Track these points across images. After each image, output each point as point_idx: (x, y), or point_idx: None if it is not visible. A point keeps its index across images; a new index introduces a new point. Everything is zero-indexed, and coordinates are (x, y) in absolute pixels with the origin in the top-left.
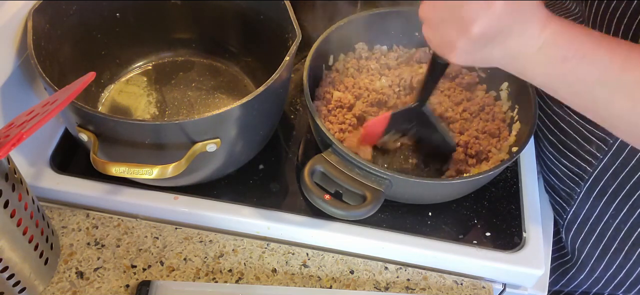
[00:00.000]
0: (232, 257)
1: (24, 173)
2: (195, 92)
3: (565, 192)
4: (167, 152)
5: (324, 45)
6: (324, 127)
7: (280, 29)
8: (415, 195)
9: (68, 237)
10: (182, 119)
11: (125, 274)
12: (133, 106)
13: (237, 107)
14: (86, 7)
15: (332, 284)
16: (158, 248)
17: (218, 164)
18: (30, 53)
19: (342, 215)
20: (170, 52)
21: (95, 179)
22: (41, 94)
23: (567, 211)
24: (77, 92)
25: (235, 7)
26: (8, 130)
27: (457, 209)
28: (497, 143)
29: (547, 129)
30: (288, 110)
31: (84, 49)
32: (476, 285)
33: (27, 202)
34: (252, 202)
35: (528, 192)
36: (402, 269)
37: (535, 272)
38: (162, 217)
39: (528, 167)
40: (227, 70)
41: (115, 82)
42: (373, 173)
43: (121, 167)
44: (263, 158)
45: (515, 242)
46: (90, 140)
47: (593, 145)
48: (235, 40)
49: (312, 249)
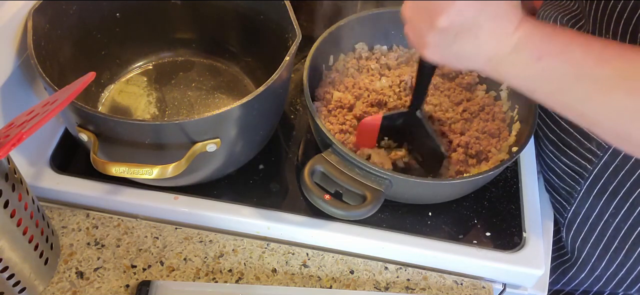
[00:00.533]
0: (232, 257)
1: (24, 173)
2: (195, 92)
3: (566, 191)
4: (167, 152)
5: (324, 45)
6: (324, 127)
7: (280, 29)
8: (415, 195)
9: (68, 237)
10: (182, 119)
11: (125, 274)
12: (133, 106)
13: (237, 107)
14: (86, 7)
15: (332, 284)
16: (158, 248)
17: (218, 164)
18: (30, 53)
19: (342, 216)
20: (170, 52)
21: (95, 179)
22: (41, 94)
23: (567, 210)
24: (77, 92)
25: (235, 7)
26: (8, 130)
27: (457, 209)
28: (497, 143)
29: (547, 128)
30: (288, 110)
31: (84, 49)
32: (476, 285)
33: (27, 202)
34: (252, 202)
35: (528, 192)
36: (402, 269)
37: (535, 272)
38: (162, 217)
39: (528, 167)
40: (227, 70)
41: (115, 82)
42: (373, 173)
43: (121, 167)
44: (263, 158)
45: (515, 242)
46: (90, 140)
47: (593, 143)
48: (235, 40)
49: (312, 249)
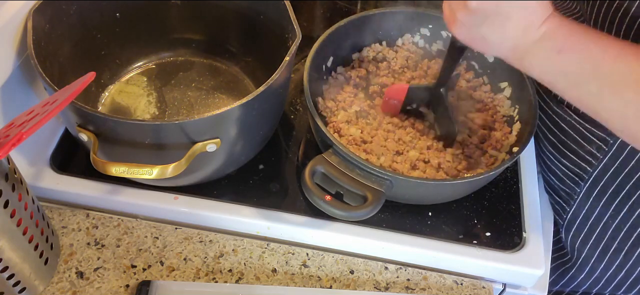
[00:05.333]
0: (232, 257)
1: (24, 173)
2: (195, 92)
3: (565, 192)
4: (167, 152)
5: (324, 45)
6: (324, 127)
7: (280, 29)
8: (415, 196)
9: (68, 237)
10: (182, 119)
11: (125, 274)
12: (133, 106)
13: (237, 107)
14: (86, 7)
15: (332, 284)
16: (158, 248)
17: (218, 164)
18: (30, 53)
19: (343, 216)
20: (170, 52)
21: (95, 179)
22: (41, 94)
23: (567, 211)
24: (77, 92)
25: (235, 7)
26: (8, 130)
27: (457, 209)
28: (497, 143)
29: (547, 129)
30: (288, 110)
31: (84, 49)
32: (476, 285)
33: (27, 202)
34: (252, 202)
35: (528, 192)
36: (402, 269)
37: (535, 272)
38: (162, 217)
39: (528, 167)
40: (227, 70)
41: (115, 82)
42: (374, 173)
43: (121, 167)
44: (263, 158)
45: (515, 242)
46: (90, 140)
47: (593, 145)
48: (235, 40)
49: (312, 249)
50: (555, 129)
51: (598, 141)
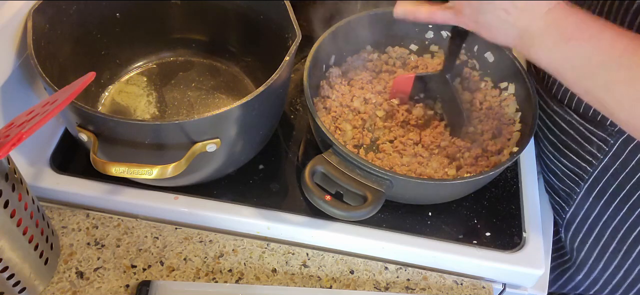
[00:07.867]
0: (232, 257)
1: (24, 173)
2: (195, 92)
3: (565, 192)
4: (167, 152)
5: (324, 45)
6: (324, 127)
7: (280, 29)
8: (415, 196)
9: (68, 237)
10: (182, 119)
11: (125, 274)
12: (133, 106)
13: (237, 107)
14: (86, 7)
15: (332, 284)
16: (158, 248)
17: (218, 164)
18: (30, 53)
19: (343, 216)
20: (170, 52)
21: (95, 179)
22: (41, 94)
23: (567, 211)
24: (77, 92)
25: (235, 7)
26: (8, 130)
27: (457, 209)
28: (497, 143)
29: (547, 129)
30: (288, 110)
31: (84, 49)
32: (476, 285)
33: (27, 202)
34: (252, 202)
35: (528, 192)
36: (402, 269)
37: (535, 272)
38: (162, 217)
39: (528, 167)
40: (227, 70)
41: (115, 82)
42: (374, 173)
43: (121, 167)
44: (263, 158)
45: (515, 242)
46: (90, 140)
47: (593, 145)
48: (235, 40)
49: (312, 249)
50: (555, 128)
51: (598, 141)
